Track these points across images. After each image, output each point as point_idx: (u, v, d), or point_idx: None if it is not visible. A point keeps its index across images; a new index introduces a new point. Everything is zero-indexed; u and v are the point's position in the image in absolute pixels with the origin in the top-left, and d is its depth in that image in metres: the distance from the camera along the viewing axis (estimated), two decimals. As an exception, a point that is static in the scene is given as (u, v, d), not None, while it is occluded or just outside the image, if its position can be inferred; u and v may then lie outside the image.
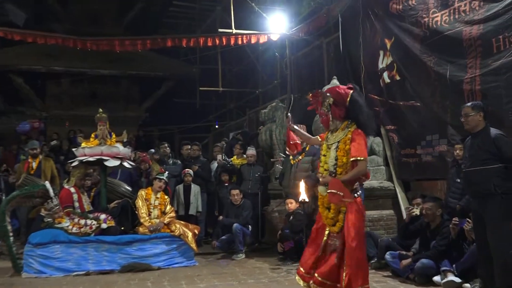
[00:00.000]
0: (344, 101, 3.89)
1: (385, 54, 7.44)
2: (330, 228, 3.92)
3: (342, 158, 3.84)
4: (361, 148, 3.77)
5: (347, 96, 3.88)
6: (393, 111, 7.32)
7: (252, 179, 8.48)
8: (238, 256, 7.28)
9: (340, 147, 3.86)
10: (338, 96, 3.92)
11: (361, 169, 3.77)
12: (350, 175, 3.78)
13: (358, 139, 3.80)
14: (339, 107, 3.92)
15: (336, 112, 3.93)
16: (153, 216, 6.94)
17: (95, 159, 6.97)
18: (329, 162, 3.91)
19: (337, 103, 3.92)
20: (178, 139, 17.06)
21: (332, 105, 3.93)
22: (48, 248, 6.19)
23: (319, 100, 4.02)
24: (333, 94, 3.95)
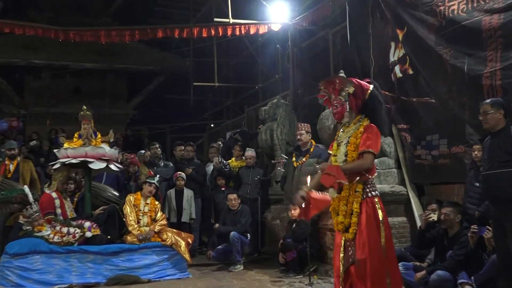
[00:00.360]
0: (364, 94, 3.90)
1: (397, 46, 7.44)
2: (344, 235, 3.85)
3: (353, 153, 3.80)
4: (371, 141, 3.74)
5: (367, 90, 3.90)
6: (406, 108, 7.31)
7: (251, 183, 8.49)
8: (235, 267, 7.29)
9: (351, 142, 3.83)
10: (358, 87, 3.92)
11: (365, 162, 3.72)
12: (351, 165, 3.74)
13: (370, 132, 3.78)
14: (357, 99, 3.91)
15: (353, 103, 3.92)
16: (143, 223, 6.94)
17: (78, 161, 6.96)
18: (339, 159, 3.87)
19: (356, 94, 3.91)
20: (170, 139, 17.08)
21: (351, 95, 3.92)
22: (27, 259, 6.18)
23: (336, 88, 3.98)
24: (354, 84, 3.93)
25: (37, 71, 16.59)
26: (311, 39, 10.55)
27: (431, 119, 6.83)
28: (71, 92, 17.48)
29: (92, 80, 17.64)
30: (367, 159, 3.73)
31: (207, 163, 9.66)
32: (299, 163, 7.15)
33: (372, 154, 3.74)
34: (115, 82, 17.82)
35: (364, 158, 3.74)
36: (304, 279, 6.27)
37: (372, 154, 3.75)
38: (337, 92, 3.98)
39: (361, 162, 3.74)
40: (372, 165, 3.82)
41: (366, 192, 3.79)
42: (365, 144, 3.74)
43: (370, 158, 3.74)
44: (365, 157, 3.73)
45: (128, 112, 18.10)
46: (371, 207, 3.77)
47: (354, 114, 3.94)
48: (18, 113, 16.31)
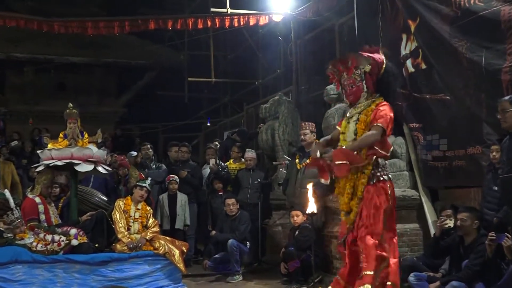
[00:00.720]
0: (379, 69, 3.93)
1: (409, 38, 7.45)
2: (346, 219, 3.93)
3: (362, 132, 3.83)
4: (382, 116, 3.78)
5: (382, 64, 3.93)
6: (418, 105, 7.32)
7: (251, 187, 8.50)
8: (234, 278, 7.31)
9: (361, 119, 3.87)
10: (374, 64, 3.94)
11: (372, 134, 3.75)
12: (357, 143, 3.77)
13: (381, 109, 3.82)
14: (373, 76, 3.95)
15: (370, 82, 3.95)
16: (133, 231, 6.94)
17: (64, 163, 6.97)
18: (348, 137, 3.90)
19: (372, 72, 3.94)
20: (162, 139, 17.11)
21: (367, 74, 3.94)
22: (8, 269, 6.16)
23: (351, 66, 3.96)
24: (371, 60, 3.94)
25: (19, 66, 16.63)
26: (316, 31, 10.57)
27: (446, 118, 6.85)
28: (55, 88, 17.52)
29: (78, 76, 17.69)
30: (373, 131, 3.76)
31: (203, 165, 9.68)
32: (302, 165, 7.16)
33: (380, 127, 3.76)
34: (103, 77, 17.87)
35: (371, 131, 3.76)
36: (308, 290, 6.29)
37: (381, 127, 3.77)
38: (351, 71, 3.98)
39: (367, 135, 3.76)
40: (382, 138, 3.81)
41: (377, 176, 3.85)
42: (375, 119, 3.78)
43: (377, 130, 3.76)
44: (372, 130, 3.76)
45: (117, 110, 18.14)
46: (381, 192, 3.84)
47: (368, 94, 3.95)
48: (-1, 111, 16.33)
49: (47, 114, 16.54)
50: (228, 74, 15.99)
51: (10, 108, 16.80)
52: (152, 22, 10.62)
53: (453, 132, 6.75)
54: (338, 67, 4.00)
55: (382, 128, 3.76)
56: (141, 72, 18.05)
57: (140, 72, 18.04)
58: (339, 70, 4.00)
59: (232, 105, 15.89)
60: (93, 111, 16.92)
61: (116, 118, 18.15)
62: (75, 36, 13.00)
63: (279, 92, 10.56)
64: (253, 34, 13.77)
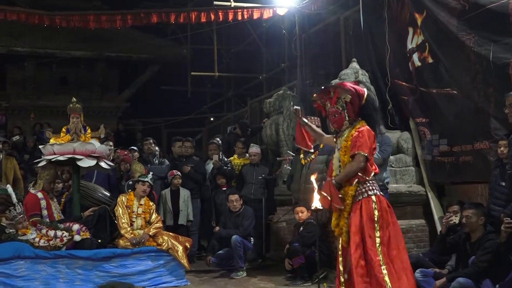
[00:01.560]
0: (360, 100, 4.23)
1: (415, 31, 7.44)
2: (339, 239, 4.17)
3: (344, 157, 4.13)
4: (361, 142, 4.04)
5: (363, 95, 4.22)
6: (425, 100, 7.32)
7: (255, 182, 8.51)
8: (238, 274, 7.32)
9: (342, 146, 4.16)
10: (354, 94, 4.21)
11: (354, 165, 4.02)
12: (343, 174, 4.07)
13: (359, 134, 4.09)
14: (354, 105, 4.23)
15: (351, 110, 4.23)
16: (136, 226, 6.97)
17: (66, 158, 7.00)
18: (334, 164, 4.21)
19: (353, 102, 4.22)
20: (165, 134, 17.12)
21: (348, 103, 4.22)
22: (11, 265, 6.20)
23: (332, 97, 4.29)
24: (351, 91, 4.22)
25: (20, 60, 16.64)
26: (321, 24, 10.54)
27: (453, 113, 6.84)
28: (57, 83, 17.53)
29: (80, 70, 17.70)
30: (355, 161, 4.03)
31: (206, 160, 9.68)
32: (307, 160, 7.16)
33: (362, 156, 4.02)
34: (105, 72, 17.87)
35: (353, 161, 4.04)
36: (313, 286, 6.31)
37: (363, 156, 4.03)
38: (334, 101, 4.30)
39: (350, 166, 4.05)
40: (364, 165, 4.06)
41: (362, 193, 4.08)
42: (355, 146, 4.05)
43: (358, 159, 4.02)
44: (354, 159, 4.03)
45: (120, 105, 18.14)
46: (366, 208, 4.04)
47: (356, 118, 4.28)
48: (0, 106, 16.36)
49: (48, 108, 16.61)
50: (231, 69, 15.99)
51: (12, 102, 16.84)
52: (154, 16, 10.62)
53: (460, 127, 6.74)
54: (322, 97, 4.29)
55: (364, 156, 4.04)
56: (144, 66, 18.06)
57: (143, 66, 18.05)
58: (323, 100, 4.27)
59: (236, 99, 15.89)
60: (95, 106, 16.97)
61: (119, 113, 18.16)
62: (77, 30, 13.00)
63: (284, 86, 10.56)
64: (257, 28, 13.76)
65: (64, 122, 7.59)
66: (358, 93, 4.21)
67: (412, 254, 6.10)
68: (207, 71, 15.01)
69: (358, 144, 4.05)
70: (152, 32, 16.65)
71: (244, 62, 15.51)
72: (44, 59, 16.55)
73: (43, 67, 16.94)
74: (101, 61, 17.41)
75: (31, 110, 16.59)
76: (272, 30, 12.97)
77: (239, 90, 15.61)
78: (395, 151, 7.36)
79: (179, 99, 16.39)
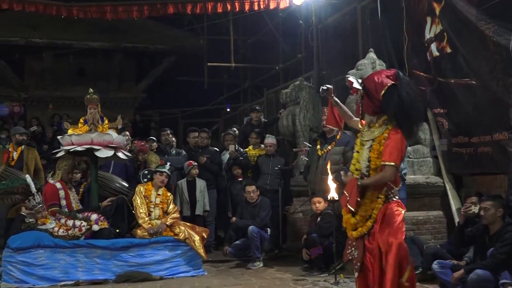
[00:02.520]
0: (378, 93, 3.88)
1: (433, 21, 7.37)
2: (350, 233, 4.04)
3: (376, 160, 3.92)
4: (393, 152, 3.83)
5: (382, 88, 3.86)
6: (443, 90, 7.27)
7: (271, 173, 8.52)
8: (254, 264, 7.35)
9: (374, 147, 3.93)
10: (370, 86, 3.94)
11: (386, 176, 3.86)
12: (371, 180, 3.90)
13: (393, 140, 3.85)
14: (371, 100, 3.94)
15: (367, 105, 3.99)
16: (154, 216, 7.02)
17: (84, 149, 7.06)
18: (362, 162, 4.00)
19: (369, 95, 3.94)
20: (182, 124, 17.16)
21: (364, 96, 3.98)
22: (31, 254, 6.31)
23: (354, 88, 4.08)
24: (366, 83, 3.99)
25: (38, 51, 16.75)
26: (338, 14, 10.47)
27: (471, 103, 6.79)
28: (74, 74, 17.61)
29: (98, 61, 17.75)
30: (387, 172, 3.84)
31: (222, 151, 9.71)
32: (324, 151, 7.15)
33: (393, 168, 3.83)
34: (122, 62, 17.91)
35: (385, 171, 3.86)
36: (330, 277, 6.31)
37: (395, 168, 3.85)
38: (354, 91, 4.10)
39: (381, 176, 3.88)
40: (394, 177, 3.92)
41: (388, 198, 3.94)
42: (387, 156, 3.84)
43: (390, 171, 3.84)
44: (386, 170, 3.85)
45: (137, 96, 18.19)
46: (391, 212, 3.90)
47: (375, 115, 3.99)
48: (19, 97, 16.50)
49: (66, 99, 16.71)
50: (248, 59, 15.94)
51: (30, 93, 16.98)
52: (171, 7, 10.64)
53: (479, 117, 6.68)
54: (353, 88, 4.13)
55: (395, 168, 3.86)
56: (160, 57, 18.05)
57: (159, 57, 18.05)
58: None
59: (252, 90, 15.86)
60: (113, 97, 17.02)
61: (136, 104, 18.21)
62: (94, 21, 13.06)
63: (300, 77, 10.52)
64: (274, 18, 13.69)
65: (81, 113, 7.63)
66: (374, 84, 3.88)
67: (429, 245, 6.10)
68: (223, 62, 14.98)
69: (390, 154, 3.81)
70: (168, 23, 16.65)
71: (261, 53, 15.46)
72: (62, 50, 16.63)
73: (61, 58, 17.01)
74: (118, 52, 17.44)
75: (49, 101, 16.70)
76: (288, 20, 12.90)
77: (256, 81, 15.59)
78: (412, 142, 7.32)
79: (195, 89, 16.40)
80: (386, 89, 3.84)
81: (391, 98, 3.82)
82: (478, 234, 5.45)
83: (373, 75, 4.06)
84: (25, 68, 17.39)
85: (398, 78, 3.88)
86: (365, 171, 3.95)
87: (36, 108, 16.72)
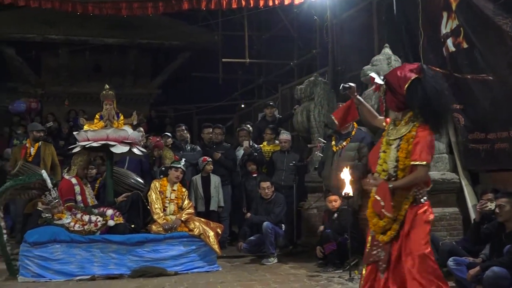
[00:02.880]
0: (401, 88, 3.75)
1: (450, 16, 7.31)
2: (378, 236, 3.93)
3: (404, 160, 3.77)
4: (424, 150, 3.68)
5: (405, 82, 3.73)
6: (459, 86, 7.20)
7: (286, 169, 8.52)
8: (269, 260, 7.36)
9: (402, 147, 3.78)
10: (393, 81, 3.80)
11: (419, 176, 3.72)
12: (403, 182, 3.75)
13: (422, 139, 3.70)
14: (395, 95, 3.81)
15: (390, 100, 3.86)
16: (169, 212, 7.07)
17: (99, 145, 7.11)
18: (389, 163, 3.85)
19: (392, 90, 3.82)
20: (196, 120, 17.22)
21: (388, 91, 3.85)
22: (47, 248, 6.38)
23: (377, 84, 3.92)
24: (388, 78, 3.85)
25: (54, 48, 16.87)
26: (353, 9, 10.42)
27: (488, 99, 6.72)
28: (90, 70, 17.72)
29: (113, 57, 17.84)
30: (420, 172, 3.71)
31: (237, 147, 9.73)
32: (339, 147, 7.13)
33: (426, 168, 3.71)
34: (137, 58, 17.99)
35: (417, 172, 3.71)
36: (344, 273, 6.31)
37: (426, 168, 3.72)
38: (377, 87, 3.94)
39: (413, 177, 3.73)
40: (427, 177, 3.80)
41: (418, 199, 3.81)
42: (417, 155, 3.68)
43: (423, 171, 3.71)
44: (418, 170, 3.71)
45: (152, 92, 18.26)
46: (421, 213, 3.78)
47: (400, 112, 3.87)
48: (35, 93, 16.64)
49: (82, 95, 16.83)
50: (262, 55, 15.95)
51: (46, 90, 17.12)
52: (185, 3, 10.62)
53: (496, 113, 6.61)
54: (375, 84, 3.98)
55: (427, 167, 3.73)
56: (175, 53, 18.10)
57: (174, 53, 18.10)
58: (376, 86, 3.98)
59: (267, 86, 15.86)
60: (128, 93, 17.10)
61: (151, 100, 18.29)
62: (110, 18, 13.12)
63: (315, 73, 10.49)
64: (288, 14, 13.68)
65: (97, 108, 7.68)
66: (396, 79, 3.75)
67: (445, 242, 6.06)
68: (238, 58, 15.00)
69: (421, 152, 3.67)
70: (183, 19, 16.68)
71: (275, 49, 15.44)
72: (78, 47, 16.75)
73: (77, 54, 17.13)
74: (133, 48, 17.52)
75: (65, 97, 16.84)
76: (303, 16, 12.87)
77: (270, 77, 15.58)
78: (439, 136, 7.27)
79: (210, 85, 16.43)
80: (409, 83, 3.72)
81: (415, 92, 3.70)
82: (494, 231, 5.40)
83: (396, 69, 3.94)
84: (41, 64, 17.53)
85: (422, 71, 3.74)
86: (393, 172, 3.81)
87: (52, 104, 16.85)
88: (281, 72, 14.86)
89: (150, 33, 16.45)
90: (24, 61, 16.70)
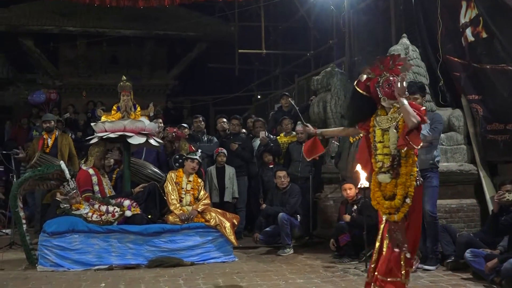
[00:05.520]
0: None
1: (469, 5, 7.22)
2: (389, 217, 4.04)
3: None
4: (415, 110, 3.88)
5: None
6: (478, 76, 7.13)
7: (302, 160, 8.48)
8: (285, 251, 7.37)
9: (400, 125, 3.95)
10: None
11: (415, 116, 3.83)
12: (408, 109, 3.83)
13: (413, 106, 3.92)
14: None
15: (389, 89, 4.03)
16: (185, 202, 7.10)
17: (117, 136, 7.16)
18: (391, 145, 4.00)
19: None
20: (213, 111, 17.24)
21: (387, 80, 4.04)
22: (66, 238, 6.45)
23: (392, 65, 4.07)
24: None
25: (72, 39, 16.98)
26: (370, -1, 10.34)
27: (508, 89, 6.65)
28: (107, 62, 17.82)
29: (130, 48, 17.92)
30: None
31: (253, 138, 9.73)
32: (355, 138, 7.10)
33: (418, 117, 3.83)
34: (154, 50, 18.03)
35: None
36: (360, 265, 6.29)
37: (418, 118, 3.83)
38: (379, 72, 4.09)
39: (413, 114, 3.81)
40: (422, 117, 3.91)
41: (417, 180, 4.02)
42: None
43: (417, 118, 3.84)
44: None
45: (168, 83, 18.31)
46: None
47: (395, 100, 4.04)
48: (54, 84, 16.78)
49: (99, 87, 16.95)
50: (279, 46, 15.89)
51: (64, 81, 17.26)
52: (202, -6, 10.65)
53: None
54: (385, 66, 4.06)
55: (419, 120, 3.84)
56: (191, 44, 18.11)
57: (190, 44, 18.11)
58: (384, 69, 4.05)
59: (283, 77, 15.81)
60: (145, 84, 17.19)
61: (167, 91, 18.33)
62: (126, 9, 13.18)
63: (332, 63, 10.44)
64: (305, 4, 13.60)
65: (114, 100, 7.72)
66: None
67: (463, 234, 6.03)
68: (254, 49, 14.97)
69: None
70: (199, 10, 16.70)
71: (292, 39, 15.39)
72: (95, 38, 16.83)
73: (94, 46, 17.23)
74: (150, 39, 17.56)
75: (82, 88, 16.98)
76: (320, 6, 12.78)
77: (287, 68, 15.53)
78: (446, 129, 7.21)
79: (226, 76, 16.44)
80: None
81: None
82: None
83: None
84: (59, 56, 17.66)
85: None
86: (396, 152, 3.97)
87: (70, 95, 17.00)
88: (297, 62, 14.80)
89: (166, 24, 16.49)
90: (42, 53, 16.83)
